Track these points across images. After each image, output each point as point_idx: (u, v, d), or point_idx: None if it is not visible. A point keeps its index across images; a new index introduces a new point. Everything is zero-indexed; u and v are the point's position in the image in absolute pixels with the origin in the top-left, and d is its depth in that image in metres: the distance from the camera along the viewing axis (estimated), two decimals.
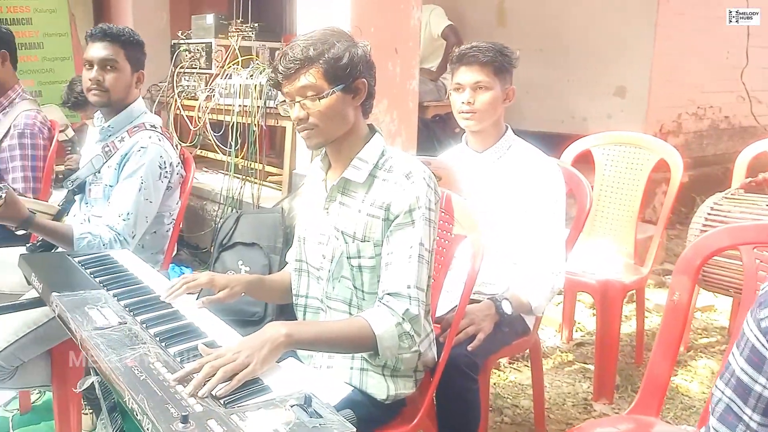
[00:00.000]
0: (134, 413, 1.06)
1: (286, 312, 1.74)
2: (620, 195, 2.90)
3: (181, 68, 4.03)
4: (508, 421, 2.50)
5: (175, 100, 4.01)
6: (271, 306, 2.68)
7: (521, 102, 5.17)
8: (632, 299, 3.13)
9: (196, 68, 3.93)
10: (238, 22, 3.89)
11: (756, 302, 0.93)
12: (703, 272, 2.64)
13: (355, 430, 1.05)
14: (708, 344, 3.17)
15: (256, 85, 3.41)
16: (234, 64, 3.71)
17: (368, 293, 1.53)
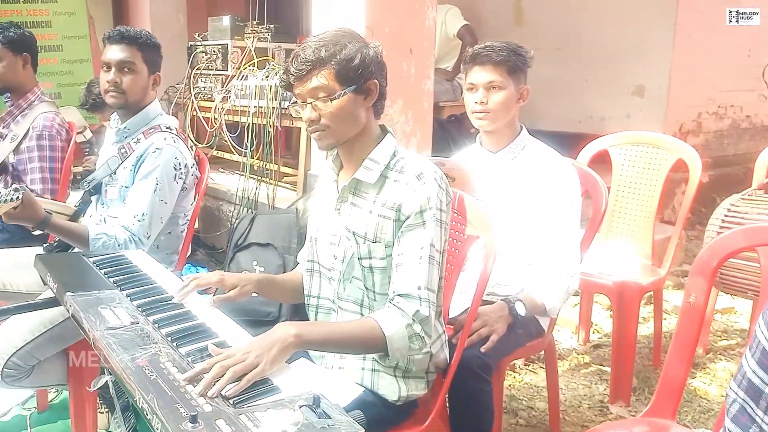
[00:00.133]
0: (144, 412, 1.07)
1: (301, 312, 1.74)
2: (638, 195, 2.86)
3: (197, 70, 4.06)
4: (523, 423, 2.48)
5: (192, 102, 4.03)
6: (285, 306, 2.69)
7: (538, 102, 5.14)
8: (650, 301, 3.10)
9: (213, 70, 3.96)
10: (254, 23, 3.91)
11: (767, 305, 0.91)
12: (721, 274, 2.61)
13: (363, 431, 1.05)
14: (728, 347, 3.13)
15: (271, 86, 3.42)
16: (250, 66, 3.73)
17: (379, 294, 1.53)
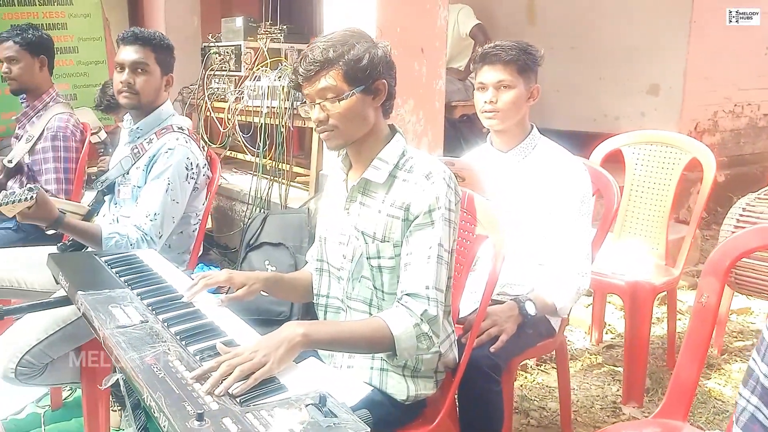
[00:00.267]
0: (152, 410, 1.08)
1: (312, 312, 1.75)
2: (651, 195, 2.84)
3: (211, 71, 4.08)
4: (534, 424, 2.47)
5: (206, 102, 4.05)
6: (297, 305, 2.71)
7: (552, 101, 5.16)
8: (664, 301, 3.07)
9: (226, 71, 3.97)
10: (267, 24, 3.92)
11: None
12: (736, 275, 2.59)
13: (369, 430, 1.05)
14: (743, 347, 3.09)
15: (283, 87, 3.43)
16: (263, 66, 3.74)
17: (388, 293, 1.53)
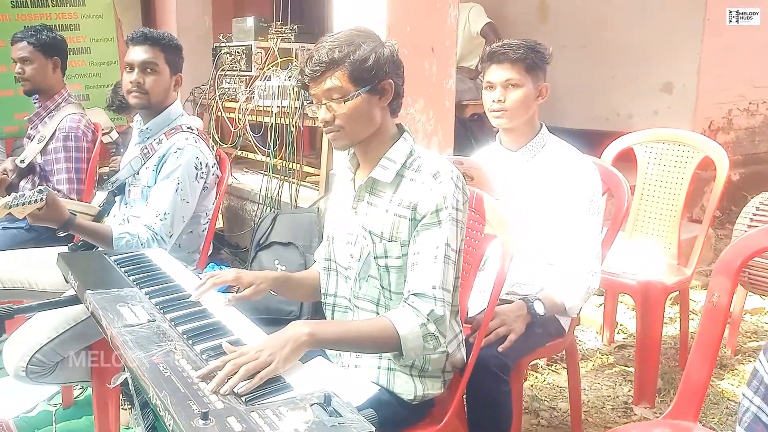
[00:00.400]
0: (158, 409, 1.08)
1: (322, 311, 1.75)
2: (663, 194, 2.82)
3: (222, 71, 4.09)
4: (544, 424, 2.46)
5: (217, 102, 4.07)
6: (306, 305, 2.71)
7: (564, 99, 5.14)
8: (677, 301, 3.05)
9: (237, 71, 3.98)
10: (277, 24, 3.93)
11: None
12: (749, 275, 2.56)
13: (374, 429, 1.04)
14: (757, 348, 3.06)
15: (293, 87, 3.43)
16: (273, 66, 3.75)
17: (395, 293, 1.52)
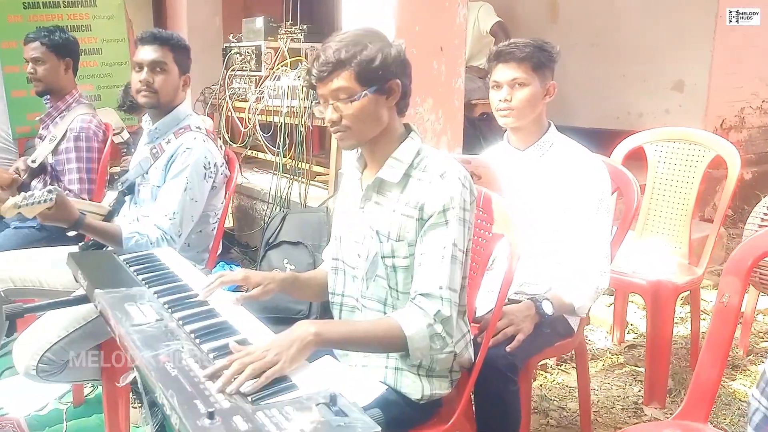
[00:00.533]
0: (164, 408, 1.09)
1: (330, 311, 1.75)
2: (674, 193, 2.80)
3: (232, 71, 4.10)
4: (553, 424, 2.45)
5: (227, 102, 4.08)
6: (315, 304, 2.71)
7: (574, 98, 5.12)
8: (688, 301, 3.03)
9: (247, 71, 4.00)
10: (287, 24, 3.94)
11: None
12: (760, 275, 2.54)
13: (380, 429, 1.04)
14: None
15: (303, 86, 3.44)
16: (283, 66, 3.76)
17: (403, 293, 1.52)
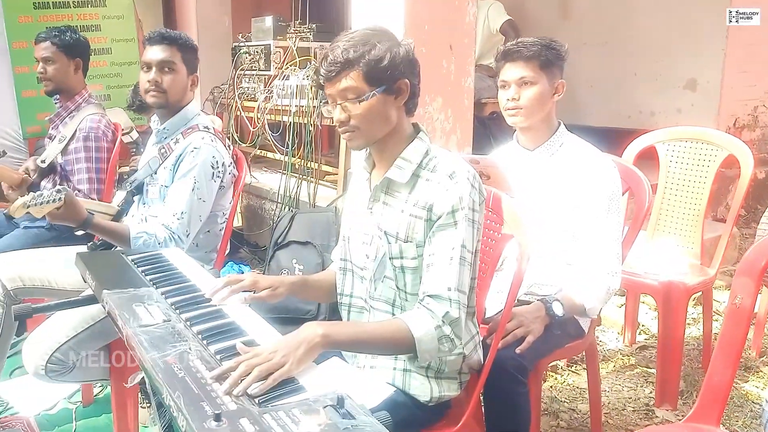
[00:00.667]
0: (171, 409, 1.08)
1: (338, 312, 1.74)
2: (686, 193, 2.77)
3: (241, 70, 4.11)
4: (564, 426, 2.43)
5: (236, 102, 4.08)
6: (324, 305, 2.71)
7: (586, 97, 5.09)
8: (701, 301, 3.00)
9: (256, 70, 4.00)
10: (296, 23, 3.93)
11: None
12: None
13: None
14: None
15: (311, 86, 3.43)
16: (292, 65, 3.75)
17: (411, 294, 1.51)
